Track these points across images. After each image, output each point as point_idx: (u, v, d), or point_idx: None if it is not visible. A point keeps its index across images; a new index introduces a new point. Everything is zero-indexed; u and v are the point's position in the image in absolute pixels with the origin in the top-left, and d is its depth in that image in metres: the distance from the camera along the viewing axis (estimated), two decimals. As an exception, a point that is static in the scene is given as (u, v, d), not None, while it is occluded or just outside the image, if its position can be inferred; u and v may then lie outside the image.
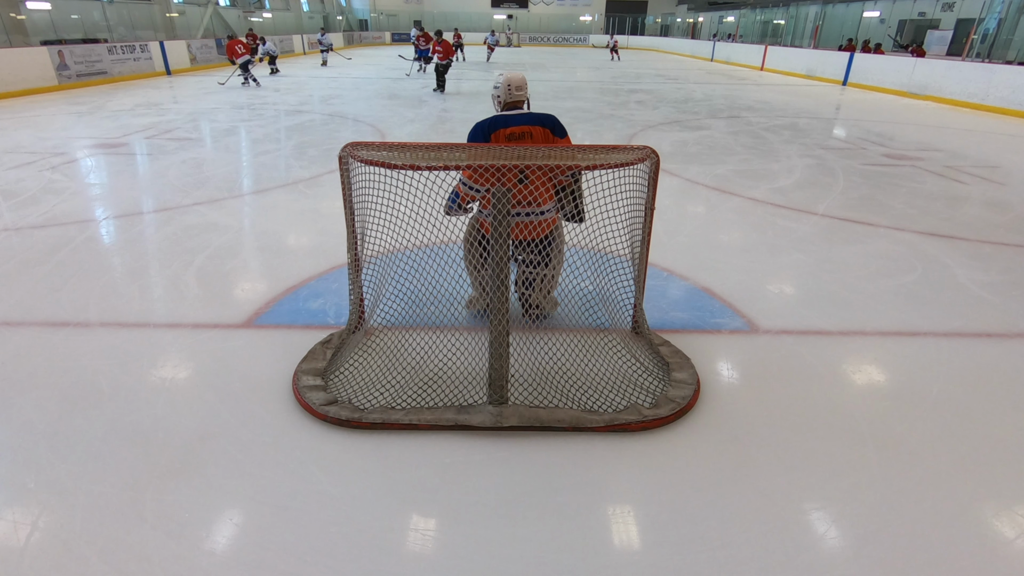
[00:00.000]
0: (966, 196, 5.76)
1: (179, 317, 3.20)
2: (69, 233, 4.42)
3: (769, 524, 1.92)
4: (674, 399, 2.46)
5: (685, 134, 8.79)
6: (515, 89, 2.94)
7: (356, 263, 2.74)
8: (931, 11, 21.56)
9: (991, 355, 2.97)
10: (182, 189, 5.59)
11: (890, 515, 1.96)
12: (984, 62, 13.44)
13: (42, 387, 2.57)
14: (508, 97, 2.95)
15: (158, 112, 10.15)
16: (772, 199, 5.52)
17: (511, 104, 2.96)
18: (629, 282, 2.94)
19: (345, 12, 37.93)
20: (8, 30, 15.02)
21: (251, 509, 1.95)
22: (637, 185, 2.64)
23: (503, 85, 2.94)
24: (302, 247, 4.32)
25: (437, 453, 2.21)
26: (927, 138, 8.80)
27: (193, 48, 18.49)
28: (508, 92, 2.94)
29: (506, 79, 2.93)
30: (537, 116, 2.89)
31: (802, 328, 3.18)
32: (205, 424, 2.35)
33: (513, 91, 2.94)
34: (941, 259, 4.16)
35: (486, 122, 2.86)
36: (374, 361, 2.75)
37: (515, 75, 2.95)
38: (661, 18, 41.83)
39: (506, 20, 39.28)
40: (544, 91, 13.80)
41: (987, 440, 2.34)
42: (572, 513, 1.96)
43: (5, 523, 1.87)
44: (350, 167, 2.55)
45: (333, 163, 6.44)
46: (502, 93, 2.95)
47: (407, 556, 1.80)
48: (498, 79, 2.97)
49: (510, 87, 2.93)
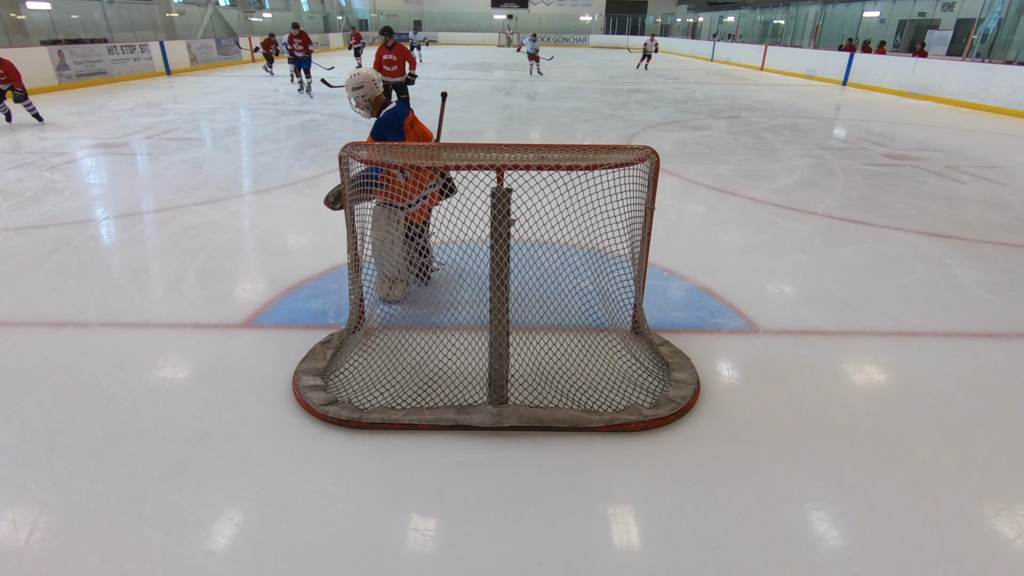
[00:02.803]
0: (966, 196, 5.76)
1: (179, 317, 3.20)
2: (69, 233, 4.42)
3: (769, 524, 1.92)
4: (674, 399, 2.46)
5: (685, 134, 8.79)
6: (378, 82, 3.13)
7: (356, 263, 2.75)
8: (931, 11, 21.56)
9: (991, 355, 2.97)
10: (182, 189, 5.59)
11: (890, 515, 1.96)
12: (984, 62, 13.45)
13: (42, 387, 2.57)
14: (376, 91, 3.13)
15: (158, 112, 10.15)
16: (772, 199, 5.52)
17: (380, 98, 3.16)
18: (629, 282, 2.94)
19: (345, 12, 37.94)
20: (8, 30, 15.02)
21: (251, 509, 1.95)
22: (637, 185, 2.64)
23: (368, 82, 3.09)
24: (302, 247, 4.32)
25: (437, 453, 2.21)
26: (927, 138, 8.81)
27: (193, 48, 18.48)
28: (375, 87, 3.11)
29: (366, 76, 3.08)
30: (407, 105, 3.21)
31: (802, 328, 3.18)
32: (205, 424, 2.35)
33: (377, 84, 3.12)
34: (941, 259, 4.16)
35: (389, 115, 3.09)
36: (374, 361, 2.75)
37: (367, 70, 3.12)
38: (661, 18, 41.83)
39: (506, 20, 39.28)
40: (544, 91, 13.80)
41: (987, 440, 2.34)
42: (572, 513, 1.96)
43: (5, 523, 1.87)
44: (350, 167, 2.55)
45: (333, 163, 6.44)
46: (370, 91, 3.11)
47: (407, 556, 1.80)
48: (357, 79, 3.08)
49: (375, 81, 3.11)
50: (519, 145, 2.51)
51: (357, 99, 3.14)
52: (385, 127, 3.09)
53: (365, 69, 3.14)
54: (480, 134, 8.67)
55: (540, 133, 8.89)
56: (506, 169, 2.13)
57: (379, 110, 3.19)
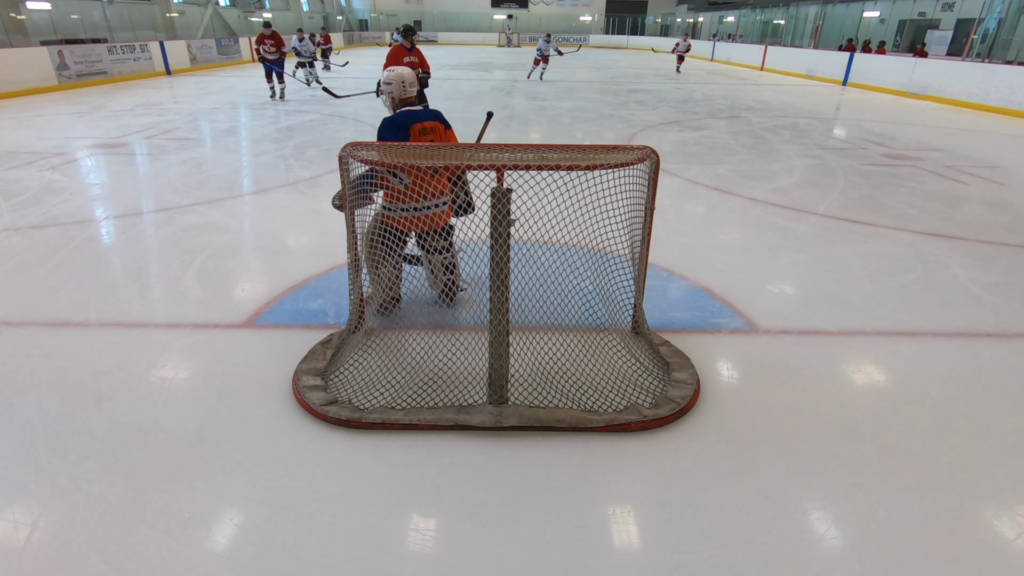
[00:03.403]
0: (966, 196, 5.76)
1: (179, 317, 3.20)
2: (69, 233, 4.42)
3: (769, 524, 1.92)
4: (674, 399, 2.46)
5: (685, 134, 8.79)
6: (409, 85, 3.04)
7: (356, 263, 2.75)
8: (931, 11, 21.57)
9: (991, 355, 2.97)
10: (182, 189, 5.59)
11: (890, 515, 1.96)
12: (984, 62, 13.46)
13: (42, 387, 2.57)
14: (403, 93, 3.04)
15: (158, 112, 10.15)
16: (772, 199, 5.52)
17: (406, 100, 3.06)
18: (629, 282, 2.94)
19: (345, 12, 37.93)
20: (8, 30, 15.02)
21: (251, 509, 1.95)
22: (637, 185, 2.64)
23: (396, 81, 3.01)
24: (302, 247, 4.32)
25: (437, 453, 2.21)
26: (927, 138, 8.80)
27: (193, 48, 18.48)
28: (403, 88, 3.03)
29: (398, 75, 3.01)
30: (433, 112, 3.06)
31: (802, 328, 3.18)
32: (205, 424, 2.34)
33: (407, 87, 3.04)
34: (941, 259, 4.16)
35: (399, 116, 2.97)
36: (374, 361, 2.75)
37: (406, 70, 3.04)
38: (661, 18, 41.85)
39: (506, 20, 39.28)
40: (544, 91, 13.80)
41: (987, 440, 2.34)
42: (572, 513, 1.96)
43: (5, 523, 1.87)
44: (350, 167, 2.55)
45: (333, 163, 6.44)
46: (396, 90, 3.03)
47: (407, 556, 1.80)
48: (389, 76, 3.02)
49: (404, 83, 3.02)
50: (519, 145, 2.51)
51: (385, 93, 3.06)
52: (388, 127, 2.97)
53: (404, 69, 3.04)
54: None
55: (540, 133, 8.89)
56: (506, 169, 2.13)
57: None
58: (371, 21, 38.77)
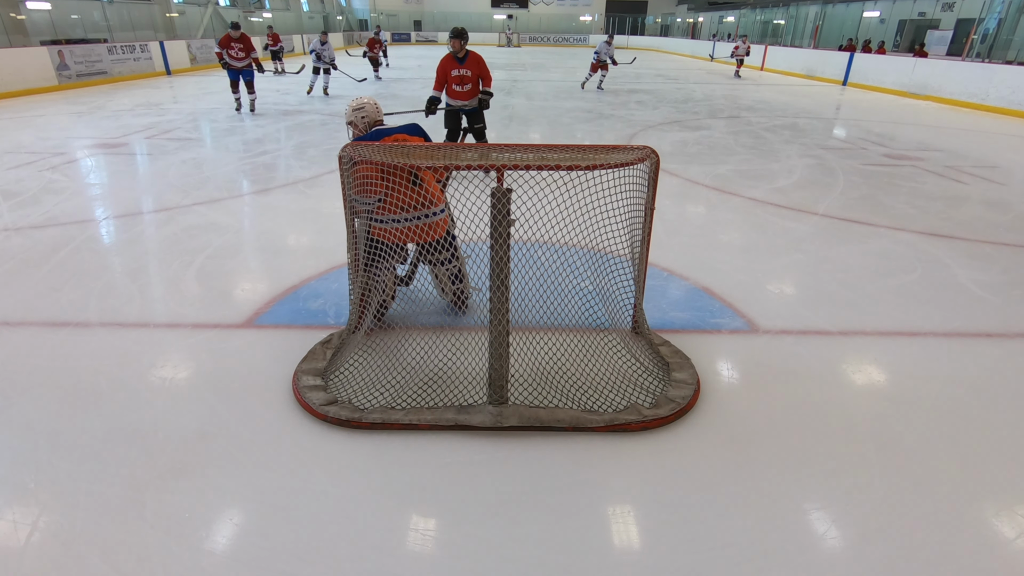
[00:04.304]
0: (966, 196, 5.76)
1: (179, 317, 3.20)
2: (69, 233, 4.42)
3: (769, 524, 1.92)
4: (674, 399, 2.46)
5: (685, 134, 8.79)
6: (379, 108, 3.15)
7: (356, 263, 2.74)
8: (931, 11, 21.57)
9: (991, 355, 2.97)
10: (182, 189, 5.59)
11: (890, 515, 1.96)
12: (984, 62, 13.45)
13: (42, 387, 2.57)
14: (376, 115, 3.13)
15: (158, 112, 10.15)
16: (772, 199, 5.52)
17: (377, 122, 3.13)
18: (629, 282, 2.94)
19: (345, 12, 37.94)
20: (8, 30, 15.02)
21: (251, 509, 1.95)
22: (637, 185, 2.64)
23: (370, 105, 3.11)
24: (302, 247, 4.32)
25: (437, 453, 2.21)
26: (927, 138, 8.80)
27: (193, 48, 18.49)
28: (376, 110, 3.13)
29: (369, 100, 3.13)
30: (405, 126, 3.10)
31: (802, 328, 3.18)
32: (205, 424, 2.34)
33: (380, 110, 3.15)
34: (941, 259, 4.16)
35: (370, 133, 3.02)
36: (374, 361, 2.75)
37: (370, 98, 3.17)
38: (661, 18, 41.85)
39: (506, 20, 39.28)
40: (544, 91, 13.80)
41: (987, 440, 2.34)
42: (572, 513, 1.96)
43: (5, 523, 1.87)
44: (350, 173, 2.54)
45: (333, 163, 6.44)
46: (370, 113, 3.10)
47: (407, 556, 1.80)
48: (358, 102, 3.11)
49: (376, 106, 3.14)
50: (519, 145, 2.51)
51: (357, 120, 3.07)
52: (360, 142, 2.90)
53: (371, 99, 3.13)
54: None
55: (540, 133, 8.89)
56: (506, 169, 2.13)
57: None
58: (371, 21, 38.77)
